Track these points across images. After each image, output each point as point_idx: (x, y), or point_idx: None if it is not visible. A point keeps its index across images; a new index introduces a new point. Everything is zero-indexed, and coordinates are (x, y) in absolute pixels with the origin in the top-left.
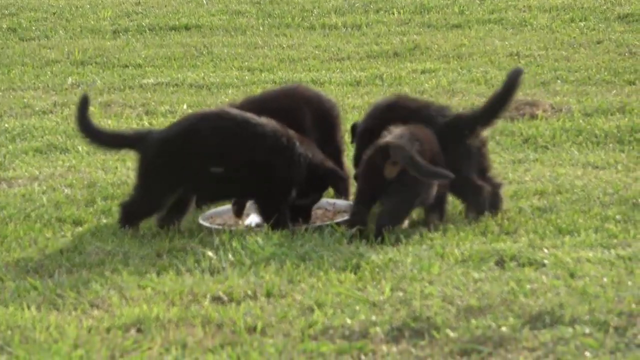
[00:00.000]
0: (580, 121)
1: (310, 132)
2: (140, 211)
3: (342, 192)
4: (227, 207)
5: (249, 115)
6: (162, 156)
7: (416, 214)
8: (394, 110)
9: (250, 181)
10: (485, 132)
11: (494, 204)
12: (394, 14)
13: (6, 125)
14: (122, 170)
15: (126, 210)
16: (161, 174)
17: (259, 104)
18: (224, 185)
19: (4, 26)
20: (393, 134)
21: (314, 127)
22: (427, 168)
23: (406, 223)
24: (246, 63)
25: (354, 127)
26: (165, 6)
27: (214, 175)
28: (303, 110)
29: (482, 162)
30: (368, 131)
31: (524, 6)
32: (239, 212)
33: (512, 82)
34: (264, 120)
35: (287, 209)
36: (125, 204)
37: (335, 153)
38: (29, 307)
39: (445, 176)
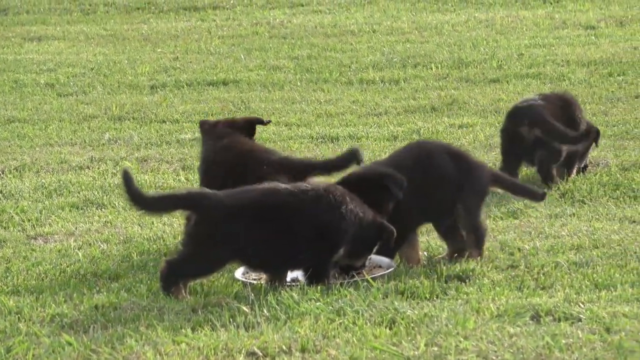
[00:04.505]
0: (618, 175)
1: None
2: (190, 272)
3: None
4: None
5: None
6: (227, 222)
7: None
8: None
9: (307, 244)
10: None
11: None
12: (431, 69)
13: (43, 180)
14: (158, 225)
15: (173, 269)
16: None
17: None
18: (281, 251)
19: (42, 82)
20: None
21: None
22: None
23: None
24: (283, 118)
25: None
26: (203, 61)
27: (270, 243)
28: None
29: None
30: None
31: (562, 61)
32: None
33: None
34: (315, 184)
35: (330, 266)
36: (173, 262)
37: None
38: None
39: None
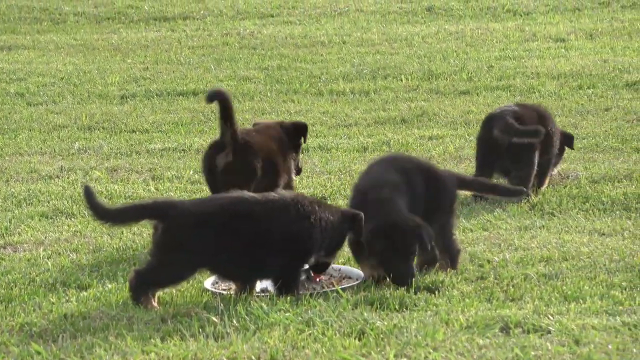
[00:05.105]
0: (587, 188)
1: None
2: (159, 281)
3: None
4: None
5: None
6: (193, 230)
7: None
8: None
9: (275, 254)
10: None
11: None
12: (402, 81)
13: (12, 189)
14: (128, 235)
15: (142, 279)
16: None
17: None
18: (249, 260)
19: (12, 91)
20: None
21: None
22: None
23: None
24: None
25: None
26: (173, 72)
27: (237, 252)
28: None
29: None
30: None
31: (532, 73)
32: None
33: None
34: (283, 193)
35: (300, 276)
36: (141, 271)
37: None
38: None
39: None
